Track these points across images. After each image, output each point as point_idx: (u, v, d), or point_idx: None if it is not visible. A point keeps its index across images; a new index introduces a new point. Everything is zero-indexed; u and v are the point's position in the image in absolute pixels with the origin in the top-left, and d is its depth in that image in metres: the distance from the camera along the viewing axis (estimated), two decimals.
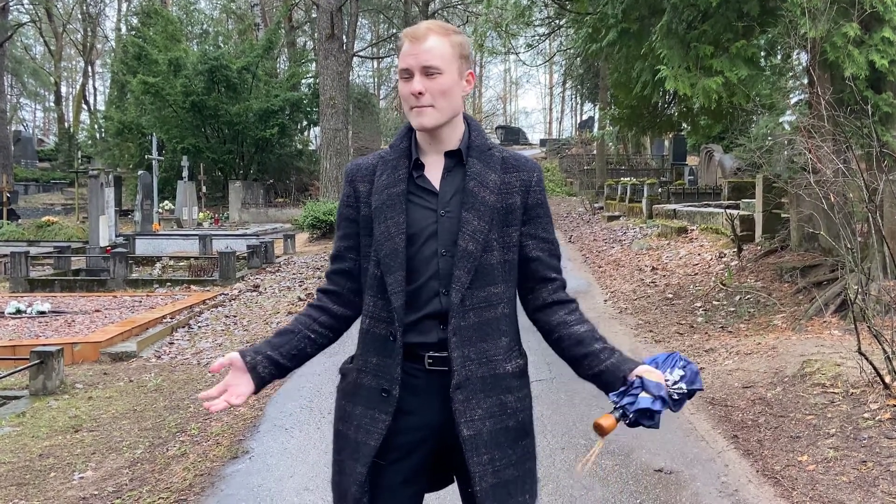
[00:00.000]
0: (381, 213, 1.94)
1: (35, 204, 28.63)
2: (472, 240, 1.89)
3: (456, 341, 1.88)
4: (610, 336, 7.65)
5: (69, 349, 7.47)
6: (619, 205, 20.54)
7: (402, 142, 2.01)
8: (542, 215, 2.00)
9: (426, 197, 1.95)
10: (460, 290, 1.87)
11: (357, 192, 2.01)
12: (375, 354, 1.95)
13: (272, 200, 28.68)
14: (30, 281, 12.24)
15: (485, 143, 2.00)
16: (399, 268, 1.90)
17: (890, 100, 7.40)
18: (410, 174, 1.97)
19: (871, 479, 3.91)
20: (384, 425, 1.90)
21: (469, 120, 2.03)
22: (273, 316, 9.55)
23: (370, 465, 1.90)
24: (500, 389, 1.92)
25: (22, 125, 50.03)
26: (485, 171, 1.95)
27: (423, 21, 2.02)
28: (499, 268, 1.93)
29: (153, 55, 26.98)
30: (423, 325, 1.91)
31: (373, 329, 1.96)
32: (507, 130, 49.14)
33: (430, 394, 1.91)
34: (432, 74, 1.90)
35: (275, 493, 4.13)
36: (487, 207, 1.91)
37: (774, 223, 10.87)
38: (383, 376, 1.92)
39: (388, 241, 1.91)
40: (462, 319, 1.88)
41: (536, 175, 2.01)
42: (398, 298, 1.89)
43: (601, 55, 10.83)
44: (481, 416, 1.88)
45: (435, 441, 1.94)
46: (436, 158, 1.98)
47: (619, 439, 4.79)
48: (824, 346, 6.24)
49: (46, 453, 5.01)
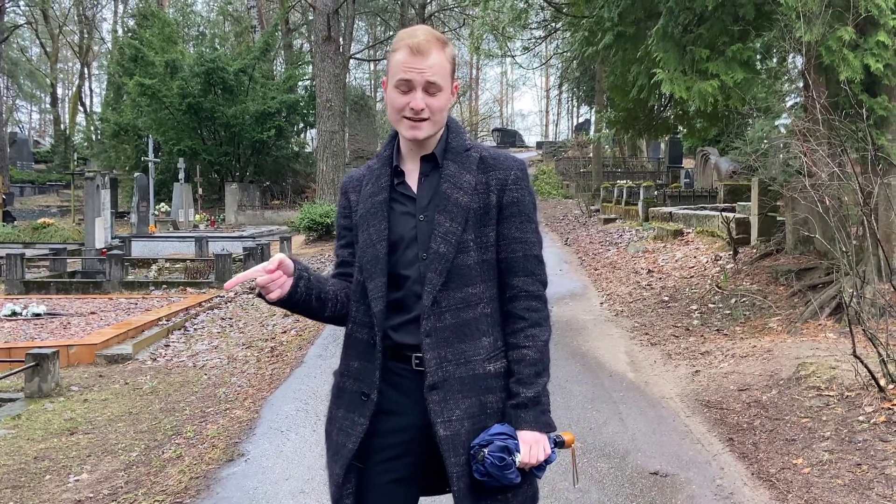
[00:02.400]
0: (365, 220, 1.98)
1: (31, 206, 28.57)
2: (443, 242, 1.90)
3: (430, 342, 1.90)
4: (606, 339, 7.73)
5: (65, 351, 7.46)
6: (615, 207, 20.55)
7: (385, 150, 2.06)
8: (517, 213, 1.97)
9: (406, 203, 1.98)
10: (432, 291, 1.89)
11: (350, 202, 2.07)
12: (357, 359, 1.99)
13: (268, 202, 28.64)
14: (25, 283, 12.21)
15: (462, 145, 2.01)
16: (380, 274, 1.93)
17: (885, 103, 7.42)
18: (392, 181, 2.00)
19: (865, 482, 3.92)
20: (362, 428, 1.93)
21: (449, 123, 2.04)
22: (269, 318, 9.54)
23: (348, 467, 1.94)
24: (480, 390, 1.92)
25: (18, 127, 49.89)
26: (459, 173, 1.96)
27: (417, 26, 2.02)
28: (476, 268, 1.94)
29: (150, 57, 26.92)
30: (409, 328, 1.93)
31: (354, 334, 2.00)
32: (504, 133, 49.18)
33: (417, 394, 1.92)
34: (434, 92, 1.92)
35: (270, 496, 4.13)
36: (460, 209, 1.92)
37: (770, 226, 10.89)
38: (363, 380, 1.96)
39: (369, 248, 1.96)
40: (438, 320, 1.90)
41: (514, 173, 1.99)
42: (378, 304, 1.92)
43: (597, 58, 10.85)
44: (459, 417, 1.89)
45: (423, 442, 1.94)
46: (416, 164, 2.01)
47: (615, 442, 4.80)
48: (819, 349, 6.26)
49: (42, 456, 5.00)
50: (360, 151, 38.33)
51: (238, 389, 6.47)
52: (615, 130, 12.76)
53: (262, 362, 7.40)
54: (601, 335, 8.00)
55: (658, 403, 5.64)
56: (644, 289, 10.36)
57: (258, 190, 28.11)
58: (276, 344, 8.12)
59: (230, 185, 26.96)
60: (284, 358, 7.45)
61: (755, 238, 11.09)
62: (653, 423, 5.18)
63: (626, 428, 5.07)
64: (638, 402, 5.66)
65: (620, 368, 6.68)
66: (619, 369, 6.65)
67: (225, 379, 6.89)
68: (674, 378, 6.32)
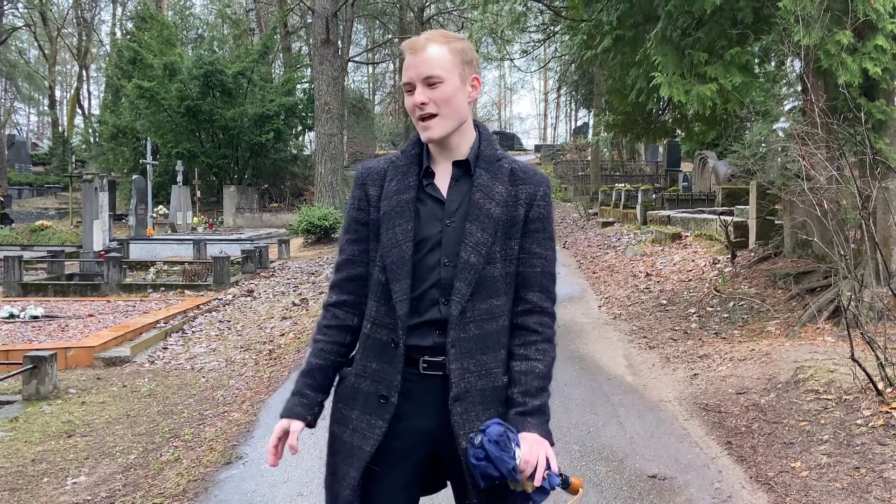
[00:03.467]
0: (390, 218, 1.93)
1: (29, 208, 28.54)
2: (474, 252, 1.88)
3: (455, 353, 1.88)
4: (604, 342, 7.73)
5: (62, 354, 7.45)
6: (613, 211, 20.57)
7: (413, 148, 2.00)
8: (541, 230, 1.97)
9: (433, 205, 1.94)
10: (460, 301, 1.87)
11: (368, 196, 1.99)
12: (376, 360, 1.94)
13: (267, 205, 28.65)
14: (23, 285, 12.20)
15: (494, 154, 1.98)
16: (406, 276, 1.89)
17: (883, 107, 7.43)
18: (420, 181, 1.96)
19: (864, 486, 3.92)
20: (381, 431, 1.90)
21: (480, 129, 2.02)
22: (267, 321, 9.53)
23: (364, 470, 1.91)
24: (499, 401, 1.92)
25: (16, 129, 49.91)
26: (491, 183, 1.94)
27: (427, 33, 2.00)
28: (501, 280, 1.92)
29: (148, 59, 26.95)
30: (420, 330, 1.90)
31: (374, 334, 1.95)
32: (502, 136, 49.27)
33: (423, 399, 1.91)
34: (434, 84, 1.90)
35: (268, 499, 4.13)
36: (492, 220, 1.90)
37: (768, 230, 10.89)
38: (382, 382, 1.92)
39: (395, 247, 1.91)
40: (462, 331, 1.88)
41: (543, 189, 1.98)
42: (403, 306, 1.89)
43: (596, 62, 10.86)
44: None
45: (428, 446, 1.94)
46: (446, 167, 1.98)
47: (614, 445, 4.80)
48: (818, 353, 6.26)
49: (39, 458, 4.99)
50: (358, 154, 38.39)
51: (236, 392, 6.46)
52: (613, 134, 12.78)
53: (260, 365, 7.39)
54: (599, 338, 8.00)
55: (656, 407, 5.64)
56: (642, 292, 10.36)
57: (256, 193, 28.11)
58: (274, 347, 8.11)
59: (228, 188, 26.97)
60: (282, 360, 7.45)
61: (753, 241, 11.10)
62: (651, 426, 5.18)
63: (625, 431, 5.07)
64: (636, 406, 5.66)
65: (619, 372, 6.68)
66: (618, 372, 6.65)
67: (223, 381, 6.88)
68: (672, 381, 6.32)
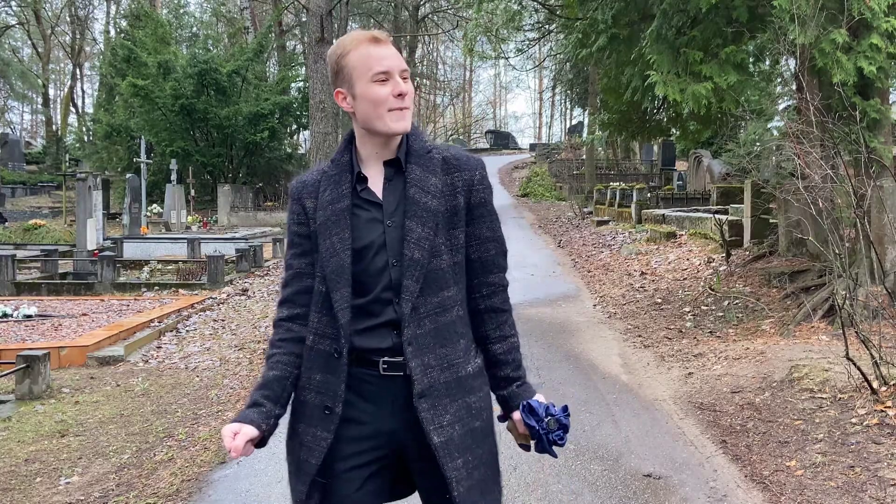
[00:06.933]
0: (326, 228, 1.91)
1: (22, 207, 28.41)
2: (417, 248, 1.87)
3: (412, 350, 1.86)
4: (599, 341, 7.72)
5: (56, 353, 7.41)
6: (608, 209, 20.58)
7: (342, 155, 1.98)
8: (486, 214, 1.98)
9: (372, 209, 1.92)
10: (410, 298, 1.86)
11: (305, 209, 1.98)
12: (319, 371, 1.92)
13: (261, 204, 28.57)
14: (16, 284, 12.14)
15: (423, 147, 1.97)
16: (345, 284, 1.88)
17: (878, 106, 7.45)
18: (354, 188, 1.94)
19: (858, 485, 3.92)
20: (325, 443, 1.88)
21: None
22: (261, 320, 9.51)
23: (311, 483, 1.90)
24: (464, 392, 1.92)
25: (9, 127, 49.69)
26: (425, 176, 1.93)
27: (374, 30, 1.98)
28: (449, 271, 1.92)
29: (142, 58, 26.85)
30: (378, 332, 1.89)
31: (317, 345, 1.93)
32: (497, 135, 49.31)
33: (383, 400, 1.90)
34: (405, 78, 1.91)
35: (262, 499, 4.11)
36: (431, 213, 1.89)
37: (763, 228, 10.91)
38: (326, 393, 1.90)
39: (333, 257, 1.89)
40: (417, 328, 1.87)
41: (479, 172, 1.98)
42: (344, 315, 1.87)
43: (591, 60, 10.86)
44: (450, 421, 1.87)
45: (391, 448, 1.92)
46: (378, 169, 1.96)
47: (609, 444, 4.79)
48: (812, 352, 6.27)
49: (32, 458, 4.96)
50: None
51: (230, 391, 6.44)
52: (608, 133, 12.80)
53: (254, 364, 7.37)
54: (594, 337, 7.99)
55: (651, 405, 5.63)
56: (637, 291, 10.37)
57: (251, 191, 28.05)
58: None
59: (223, 187, 26.88)
60: None
61: (748, 240, 11.11)
62: (646, 425, 5.18)
63: (620, 430, 5.07)
64: (631, 405, 5.65)
65: (614, 370, 6.68)
66: (613, 371, 6.65)
67: (217, 381, 6.86)
68: (667, 380, 6.32)
